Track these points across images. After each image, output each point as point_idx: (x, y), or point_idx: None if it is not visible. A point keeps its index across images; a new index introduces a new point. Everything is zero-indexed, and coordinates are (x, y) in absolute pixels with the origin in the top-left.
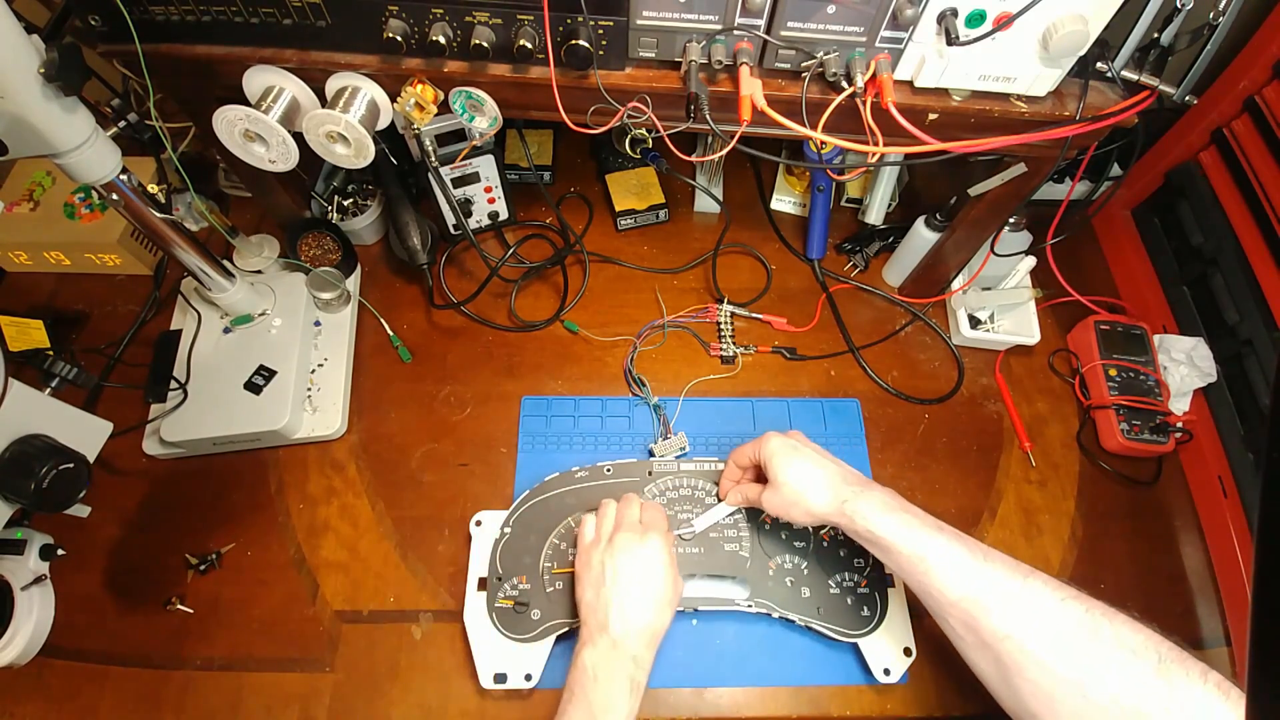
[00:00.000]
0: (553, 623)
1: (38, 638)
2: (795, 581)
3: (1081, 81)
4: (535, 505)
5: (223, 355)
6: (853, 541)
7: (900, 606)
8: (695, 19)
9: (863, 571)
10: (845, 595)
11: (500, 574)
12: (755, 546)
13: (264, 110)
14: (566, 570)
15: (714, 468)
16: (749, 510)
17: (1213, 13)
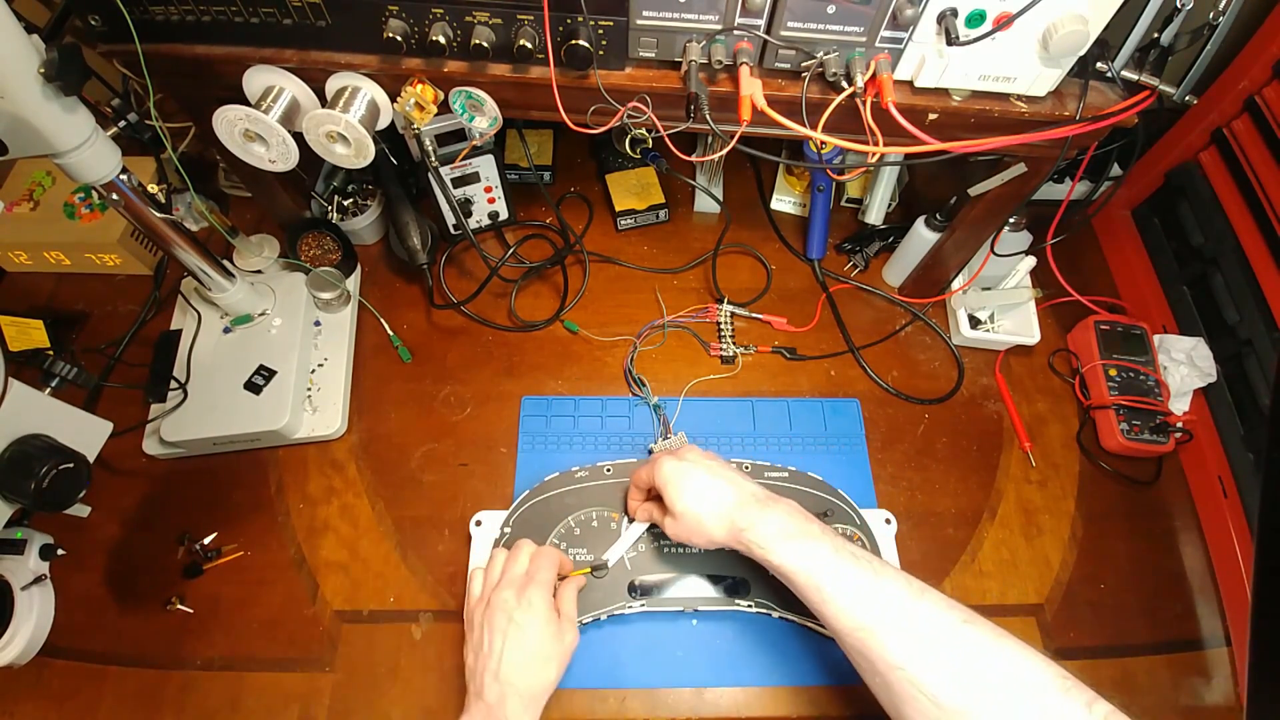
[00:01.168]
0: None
1: (38, 638)
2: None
3: (1081, 81)
4: (535, 505)
5: (223, 355)
6: (852, 541)
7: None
8: (695, 19)
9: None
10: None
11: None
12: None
13: (264, 110)
14: (583, 573)
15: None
16: None
17: (1213, 13)
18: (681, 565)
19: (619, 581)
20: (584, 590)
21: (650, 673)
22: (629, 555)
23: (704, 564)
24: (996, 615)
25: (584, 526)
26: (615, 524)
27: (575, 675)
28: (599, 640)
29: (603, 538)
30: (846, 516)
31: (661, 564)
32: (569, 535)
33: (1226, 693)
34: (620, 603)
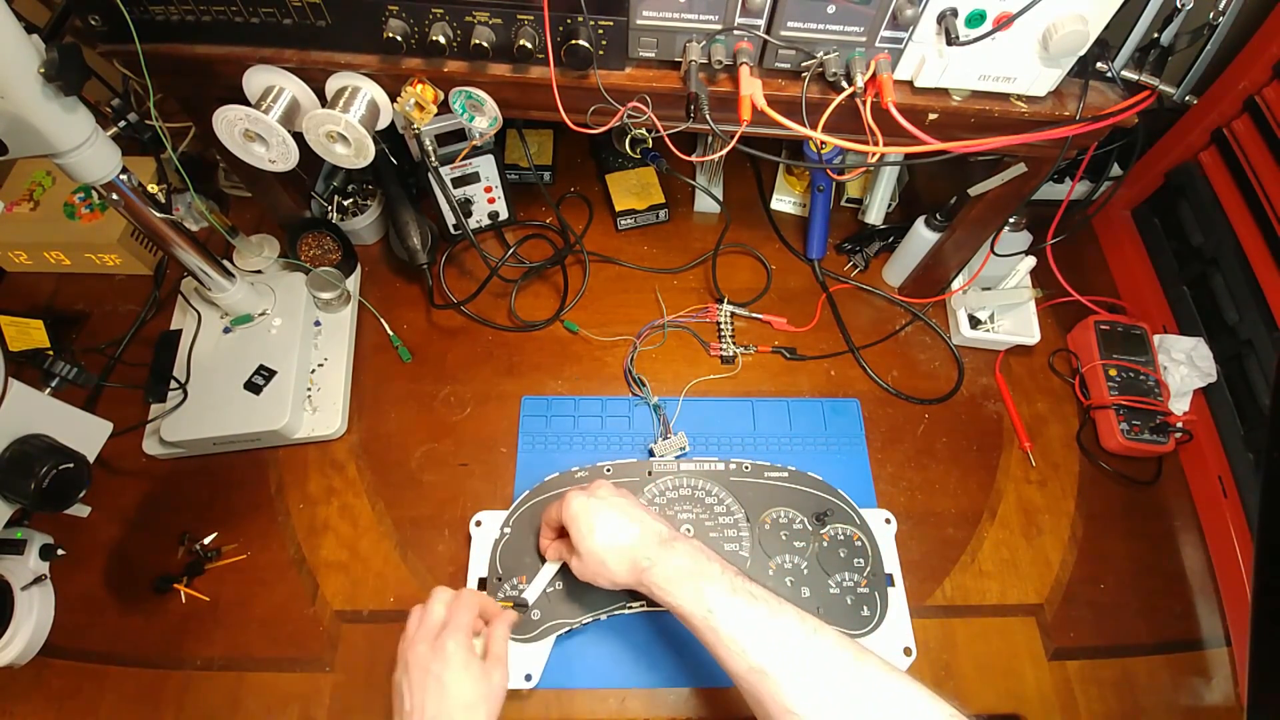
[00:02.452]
0: (553, 623)
1: (38, 638)
2: (796, 581)
3: (1081, 81)
4: (535, 506)
5: (223, 355)
6: (852, 541)
7: (900, 606)
8: (695, 19)
9: (862, 571)
10: (845, 595)
11: (500, 574)
12: (755, 546)
13: (264, 110)
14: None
15: (714, 468)
16: (749, 508)
17: (1213, 13)
18: None
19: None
20: (583, 592)
21: (650, 673)
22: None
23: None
24: (997, 615)
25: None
26: None
27: (575, 675)
28: (599, 640)
29: None
30: (846, 516)
31: None
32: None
33: (1226, 693)
34: (619, 603)
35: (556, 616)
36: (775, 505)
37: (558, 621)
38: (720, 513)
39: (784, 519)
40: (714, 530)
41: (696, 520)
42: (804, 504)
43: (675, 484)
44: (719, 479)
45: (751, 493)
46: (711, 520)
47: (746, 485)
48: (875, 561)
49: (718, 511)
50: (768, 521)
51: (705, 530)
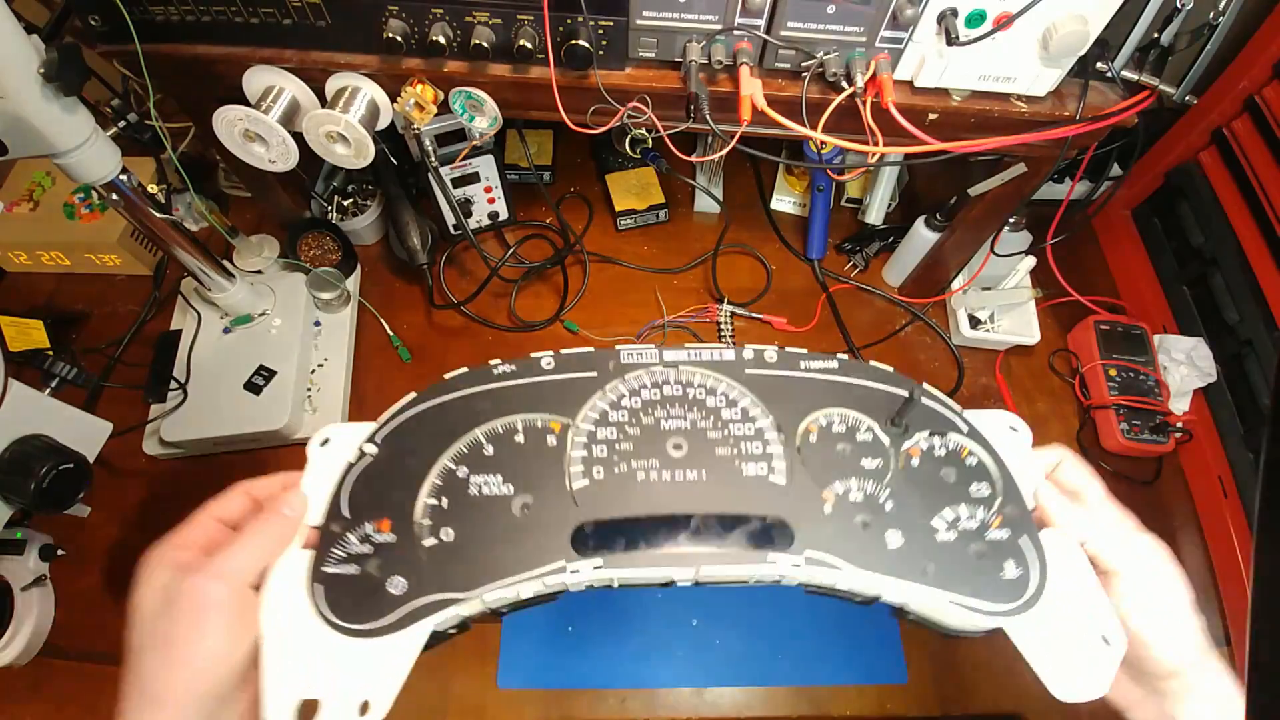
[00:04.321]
0: (429, 599)
1: (38, 638)
2: (872, 523)
3: (1081, 81)
4: (425, 414)
5: (223, 355)
6: (961, 459)
7: (1071, 559)
8: (695, 19)
9: (989, 504)
10: (966, 543)
11: (348, 516)
12: (794, 470)
13: (264, 110)
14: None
15: (721, 356)
16: (779, 413)
17: (1213, 13)
18: (670, 500)
19: (556, 526)
20: (489, 548)
21: (650, 673)
22: (577, 482)
23: (706, 499)
24: None
25: (502, 443)
26: (555, 437)
27: (575, 675)
28: (599, 640)
29: (535, 461)
30: (944, 422)
31: (638, 494)
32: (476, 457)
33: None
34: (555, 562)
35: (437, 589)
36: (823, 407)
37: (440, 598)
38: (732, 419)
39: (839, 427)
40: (722, 445)
41: (691, 431)
42: (871, 404)
43: (657, 380)
44: (730, 372)
45: (783, 392)
46: (718, 430)
47: (774, 383)
48: (1008, 488)
49: (728, 418)
50: (813, 431)
51: (706, 446)
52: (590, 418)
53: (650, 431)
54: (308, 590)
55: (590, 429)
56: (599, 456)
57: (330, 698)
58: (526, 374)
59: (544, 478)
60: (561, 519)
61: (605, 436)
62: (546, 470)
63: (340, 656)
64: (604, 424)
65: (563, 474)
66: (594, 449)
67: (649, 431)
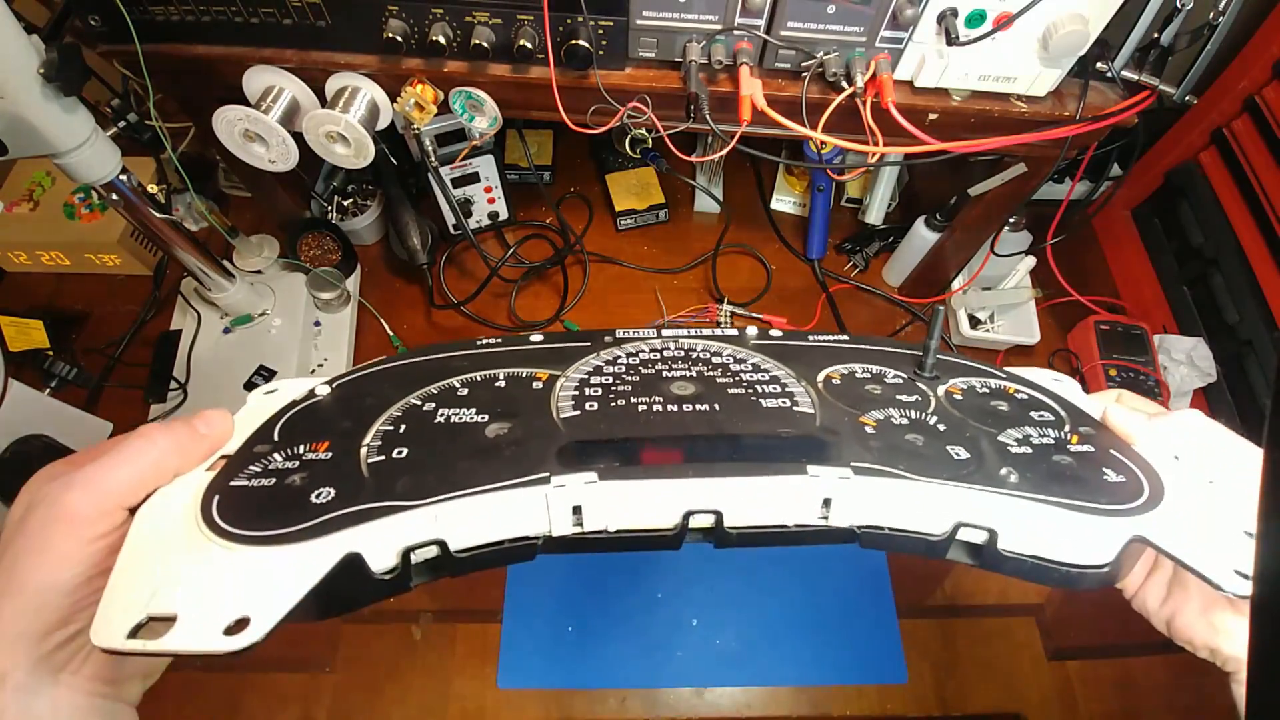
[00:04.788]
0: (359, 508)
1: None
2: (927, 441)
3: (1081, 81)
4: (394, 370)
5: (223, 355)
6: (1009, 394)
7: (1173, 459)
8: (695, 19)
9: (1059, 426)
10: (1046, 454)
11: (275, 440)
12: (824, 403)
13: (264, 110)
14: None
15: (724, 334)
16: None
17: (1213, 13)
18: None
19: (538, 443)
20: (451, 463)
21: (650, 673)
22: (566, 413)
23: (732, 420)
24: (997, 615)
25: (480, 386)
26: (542, 384)
27: (575, 675)
28: (599, 640)
29: (516, 398)
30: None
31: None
32: (448, 396)
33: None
34: (536, 473)
35: (367, 498)
36: (843, 363)
37: (367, 507)
38: (743, 370)
39: (863, 374)
40: (735, 387)
41: (699, 378)
42: (893, 361)
43: (656, 347)
44: (735, 343)
45: (795, 356)
46: (729, 377)
47: (784, 350)
48: (1074, 412)
49: (739, 370)
50: (835, 378)
51: (717, 387)
52: (583, 369)
53: (651, 379)
54: (196, 501)
55: (581, 377)
56: (592, 395)
57: (192, 611)
58: (512, 346)
59: (526, 411)
60: (545, 440)
61: (598, 384)
62: (529, 406)
63: (216, 567)
64: (598, 374)
65: (549, 409)
66: (587, 389)
67: (650, 379)
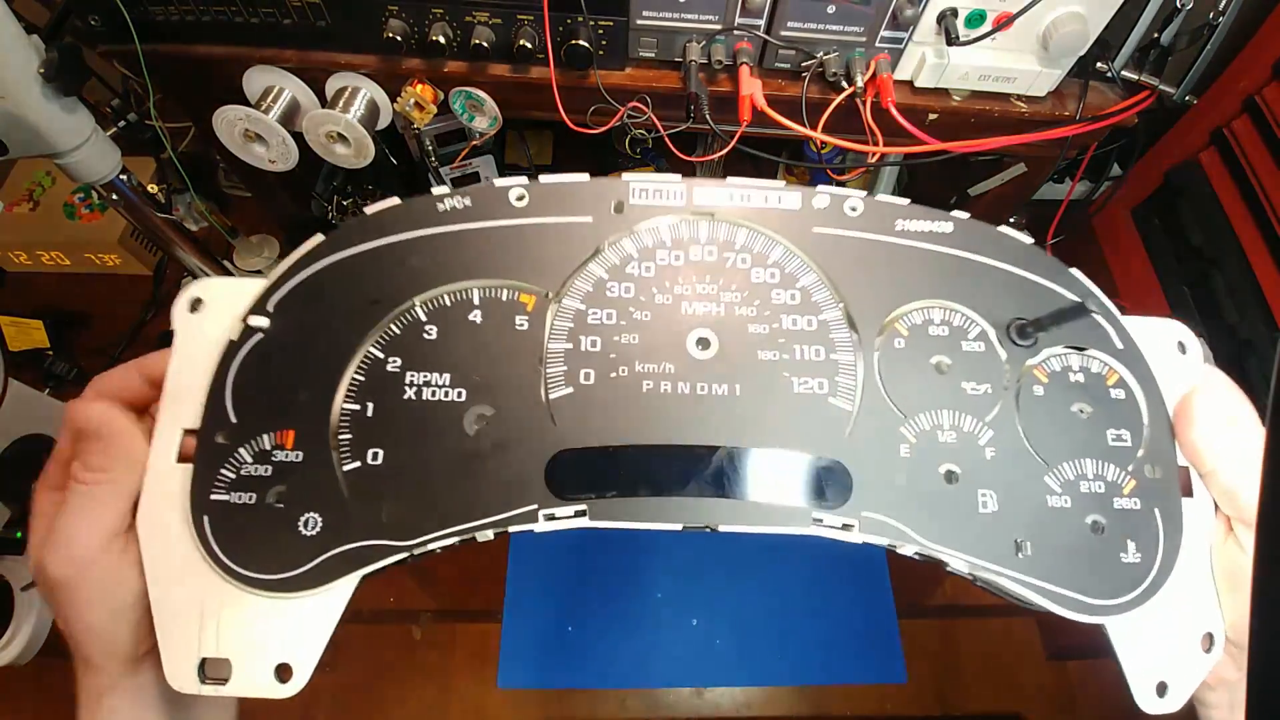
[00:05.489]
0: (353, 547)
1: (38, 638)
2: (963, 474)
3: (1081, 81)
4: (336, 271)
5: None
6: (1104, 385)
7: (1204, 538)
8: (695, 19)
9: (1126, 459)
10: (1083, 511)
11: (235, 422)
12: (872, 385)
13: (264, 110)
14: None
15: (780, 201)
16: (855, 300)
17: (1213, 13)
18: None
19: (525, 452)
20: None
21: (650, 673)
22: (557, 389)
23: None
24: (997, 615)
25: (450, 323)
26: (528, 319)
27: (575, 675)
28: (599, 639)
29: (496, 355)
30: (1085, 331)
31: (641, 413)
32: (413, 343)
33: None
34: (525, 506)
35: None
36: (921, 296)
37: (372, 543)
38: (785, 306)
39: (939, 328)
40: (767, 344)
41: (725, 320)
42: (991, 297)
43: (681, 236)
44: (790, 227)
45: (864, 265)
46: (763, 321)
47: (854, 250)
48: (1157, 438)
49: (780, 303)
50: (901, 331)
51: (744, 345)
52: (579, 290)
53: (666, 318)
54: (189, 523)
55: (578, 307)
56: (589, 352)
57: (241, 657)
58: (487, 214)
59: (509, 380)
60: (533, 442)
61: (599, 321)
62: (513, 368)
63: (246, 609)
64: (599, 301)
65: (536, 374)
66: (582, 340)
67: (664, 318)
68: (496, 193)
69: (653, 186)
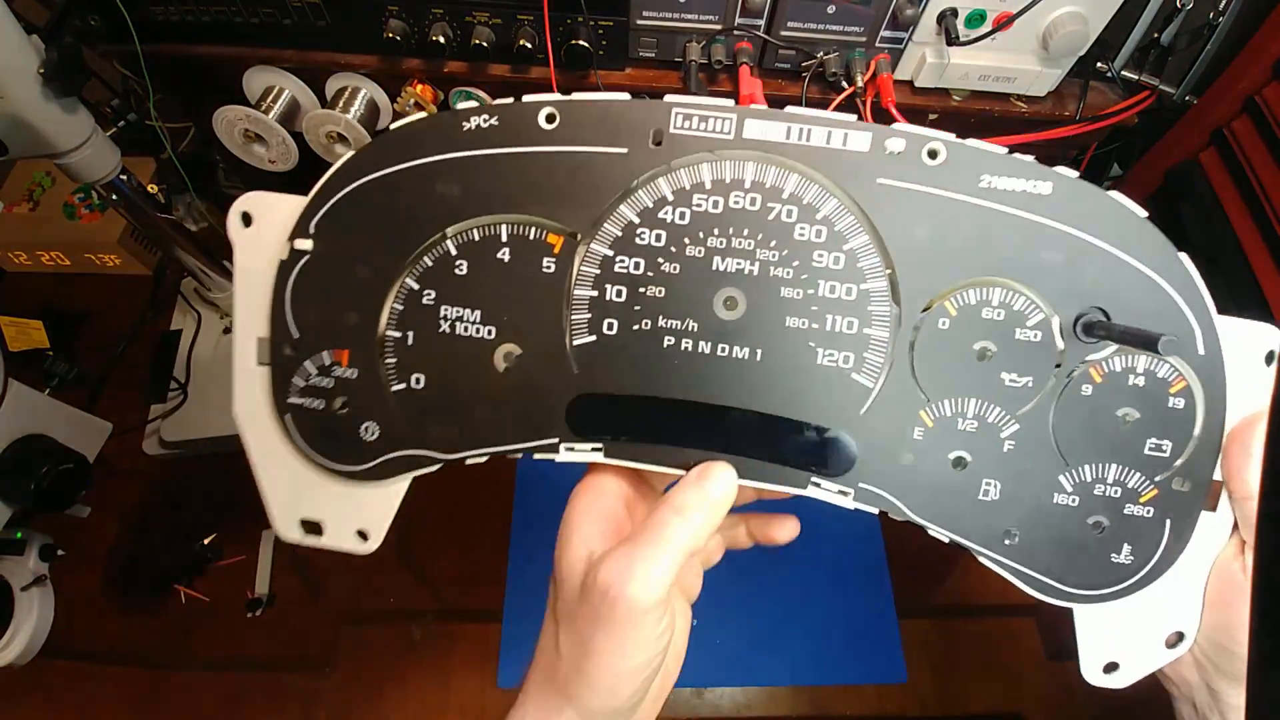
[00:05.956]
0: (405, 454)
1: (38, 638)
2: (972, 463)
3: (1081, 81)
4: (370, 193)
5: (223, 355)
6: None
7: (1208, 551)
8: (695, 19)
9: (1157, 469)
10: (1087, 511)
11: (297, 336)
12: (901, 367)
13: (264, 110)
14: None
15: (846, 142)
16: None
17: (1213, 13)
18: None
19: (548, 391)
20: (467, 407)
21: None
22: (579, 336)
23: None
24: (997, 615)
25: (480, 259)
26: (554, 260)
27: None
28: None
29: (524, 295)
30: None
31: (660, 368)
32: (446, 277)
33: None
34: (548, 438)
35: (412, 442)
36: (983, 274)
37: (413, 453)
38: (827, 270)
39: (995, 312)
40: (798, 310)
41: (757, 280)
42: (1063, 281)
43: (724, 177)
44: (853, 177)
45: (932, 229)
46: (798, 286)
47: (921, 208)
48: (1202, 454)
49: (821, 266)
50: (950, 310)
51: (774, 309)
52: (608, 234)
53: (694, 273)
54: (275, 419)
55: (606, 253)
56: (613, 301)
57: (330, 521)
58: (514, 138)
59: (536, 322)
60: (556, 385)
61: (626, 270)
62: (539, 310)
63: (329, 487)
64: (627, 247)
65: (561, 319)
66: (608, 290)
67: (692, 273)
68: (525, 112)
69: (699, 113)
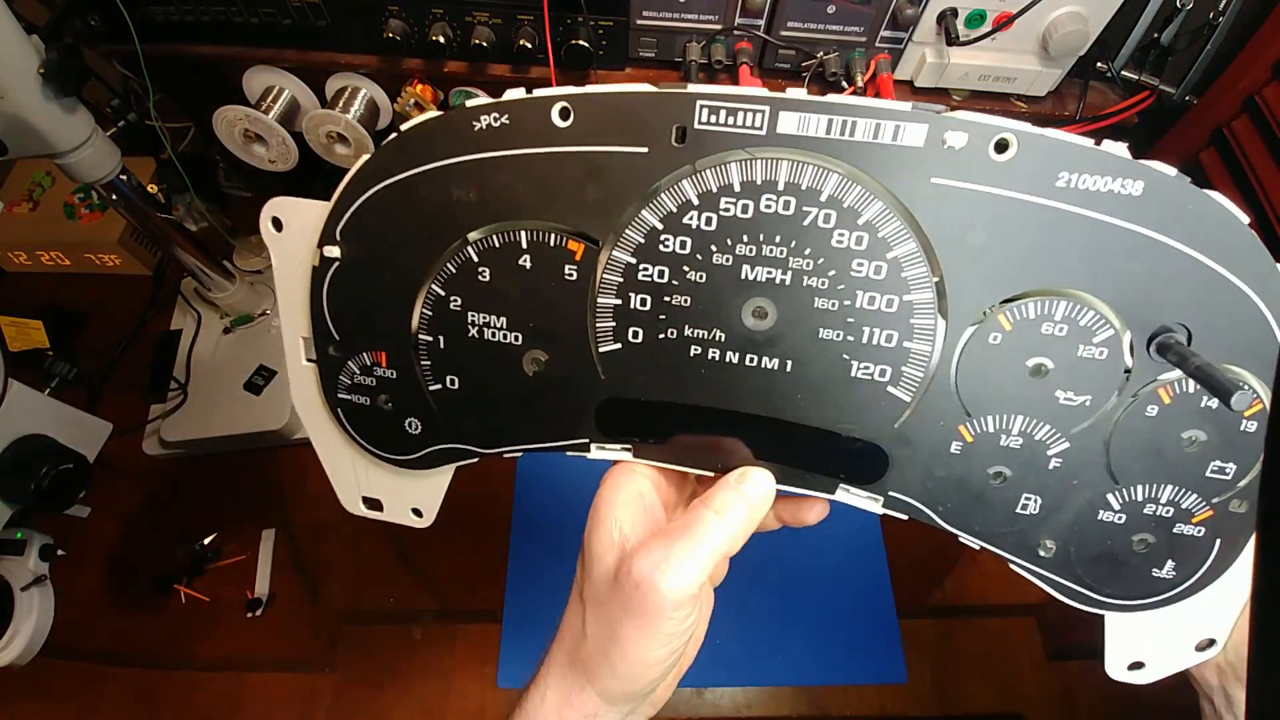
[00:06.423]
0: (447, 447)
1: (38, 638)
2: (1013, 478)
3: (1081, 81)
4: (391, 197)
5: (223, 355)
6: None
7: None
8: (695, 19)
9: (1213, 492)
10: (1133, 529)
11: (337, 338)
12: (939, 376)
13: (264, 110)
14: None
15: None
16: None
17: (1213, 13)
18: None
19: (577, 395)
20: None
21: None
22: (605, 344)
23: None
24: (997, 615)
25: (502, 266)
26: (576, 268)
27: None
28: None
29: (548, 302)
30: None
31: (686, 377)
32: (470, 284)
33: None
34: (578, 438)
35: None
36: (1047, 285)
37: (452, 447)
38: (866, 280)
39: (1057, 327)
40: (832, 322)
41: (789, 290)
42: (1141, 294)
43: (755, 178)
44: (902, 178)
45: (996, 235)
46: (833, 296)
47: (984, 210)
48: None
49: (861, 276)
50: (1004, 325)
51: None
52: (630, 241)
53: (722, 281)
54: (327, 410)
55: (628, 260)
56: (638, 310)
57: (388, 498)
58: (527, 138)
59: (561, 330)
60: (583, 390)
61: (650, 278)
62: (563, 318)
63: (384, 473)
64: (651, 254)
65: (585, 327)
66: (632, 298)
67: (720, 281)
68: (537, 108)
69: (726, 106)
